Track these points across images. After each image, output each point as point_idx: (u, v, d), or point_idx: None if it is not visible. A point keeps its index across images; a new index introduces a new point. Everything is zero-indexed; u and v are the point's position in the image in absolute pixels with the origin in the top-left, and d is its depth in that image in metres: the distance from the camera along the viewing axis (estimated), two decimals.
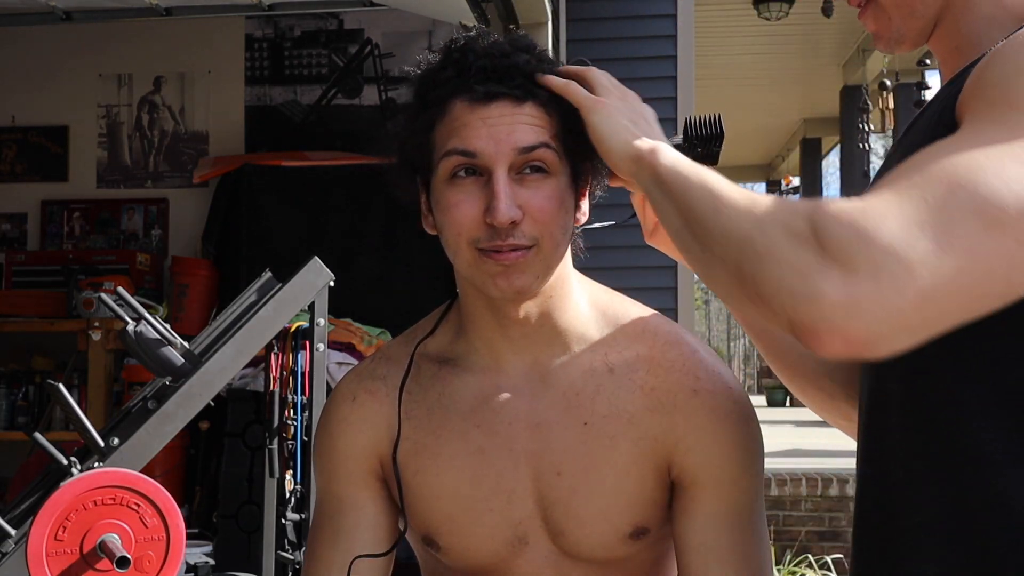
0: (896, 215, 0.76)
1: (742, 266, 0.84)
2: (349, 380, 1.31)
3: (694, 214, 0.92)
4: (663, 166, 0.99)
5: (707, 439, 1.20)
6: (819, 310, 0.77)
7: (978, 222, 0.74)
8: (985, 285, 0.76)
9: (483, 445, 1.22)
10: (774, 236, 0.81)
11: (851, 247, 0.76)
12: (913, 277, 0.75)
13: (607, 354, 1.23)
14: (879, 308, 0.75)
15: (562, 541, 1.22)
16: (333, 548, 1.26)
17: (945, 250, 0.74)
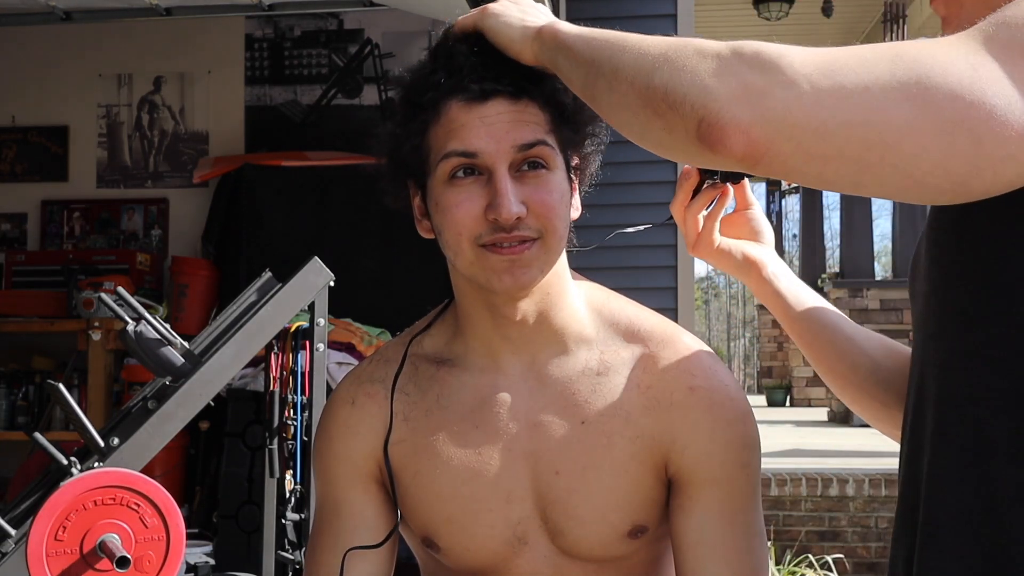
0: (824, 52, 0.79)
1: (653, 79, 0.85)
2: (348, 383, 1.31)
3: (602, 60, 0.94)
4: (563, 31, 1.02)
5: (703, 437, 1.20)
6: (726, 103, 0.79)
7: (902, 91, 0.76)
8: (883, 141, 0.76)
9: (481, 445, 1.22)
10: (689, 51, 0.84)
11: (770, 57, 0.79)
12: (820, 99, 0.76)
13: (603, 353, 1.23)
14: (784, 117, 0.77)
15: (561, 540, 1.22)
16: (333, 552, 1.26)
17: (859, 91, 0.76)
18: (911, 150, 0.76)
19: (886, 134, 0.76)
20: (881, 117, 0.76)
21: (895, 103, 0.76)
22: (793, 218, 16.10)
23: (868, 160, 0.77)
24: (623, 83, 0.89)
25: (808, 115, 0.77)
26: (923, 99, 0.75)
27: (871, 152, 0.77)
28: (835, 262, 13.20)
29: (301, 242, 3.96)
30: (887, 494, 5.26)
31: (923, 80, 0.76)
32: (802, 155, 0.78)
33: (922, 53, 0.77)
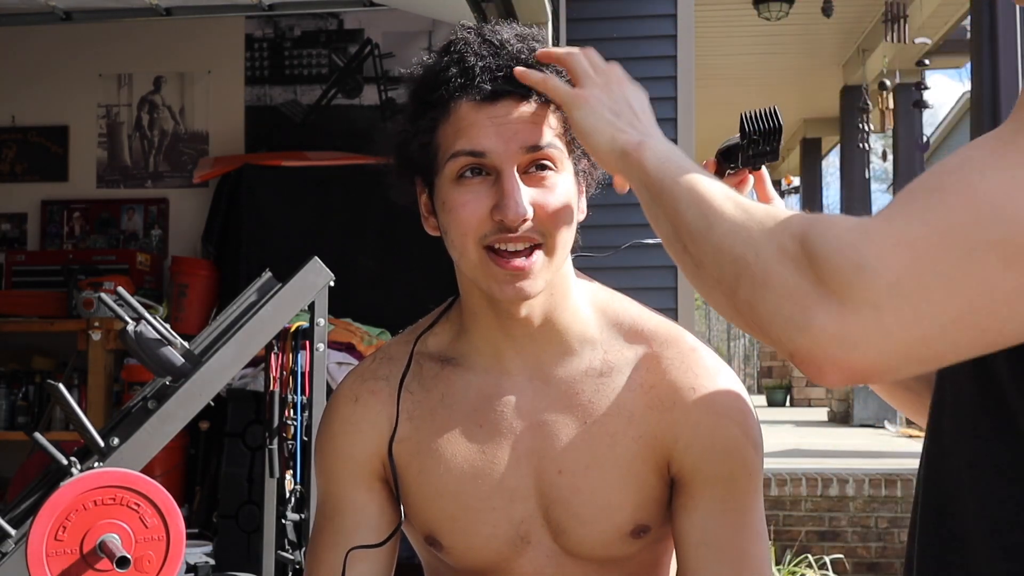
0: (902, 243, 0.72)
1: (737, 291, 0.81)
2: (351, 381, 1.31)
3: (685, 225, 0.88)
4: (650, 166, 0.95)
5: (706, 437, 1.20)
6: (816, 342, 0.74)
7: (996, 256, 0.69)
8: (999, 320, 0.71)
9: (485, 444, 1.23)
10: (768, 260, 0.78)
11: (849, 277, 0.72)
12: (918, 314, 0.71)
13: (607, 353, 1.23)
14: (880, 341, 0.72)
15: (564, 540, 1.23)
16: (334, 550, 1.26)
17: (956, 286, 0.70)
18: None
19: (998, 312, 0.70)
20: (988, 298, 0.70)
21: (997, 274, 0.69)
22: None
23: (988, 340, 0.72)
24: (710, 276, 0.85)
25: (909, 331, 0.71)
26: (1019, 259, 0.69)
27: (989, 333, 0.72)
28: None
29: (301, 242, 3.95)
30: (887, 494, 5.26)
31: (1014, 235, 0.69)
32: (916, 362, 0.74)
33: (998, 198, 0.69)
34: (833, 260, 0.74)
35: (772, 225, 0.80)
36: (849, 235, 0.74)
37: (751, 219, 0.82)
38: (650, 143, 0.99)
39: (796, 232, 0.77)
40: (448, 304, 1.31)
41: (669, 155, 0.96)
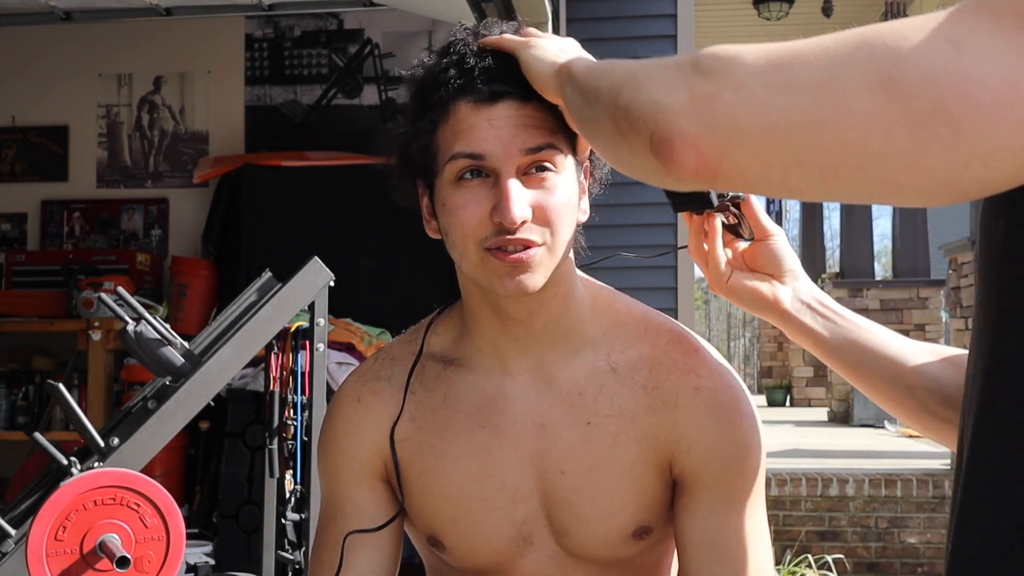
0: (787, 47, 0.72)
1: (618, 99, 0.82)
2: (353, 381, 1.31)
3: (589, 88, 0.91)
4: (579, 71, 0.98)
5: (708, 437, 1.20)
6: (673, 115, 0.74)
7: (862, 76, 0.67)
8: (843, 144, 0.68)
9: (488, 445, 1.23)
10: (654, 67, 0.80)
11: (723, 63, 0.73)
12: (769, 106, 0.69)
13: (610, 353, 1.23)
14: (730, 122, 0.71)
15: (566, 541, 1.23)
16: (337, 550, 1.26)
17: (814, 92, 0.68)
18: (878, 148, 0.67)
19: (846, 132, 0.67)
20: (840, 113, 0.67)
21: (856, 96, 0.67)
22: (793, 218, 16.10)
23: (830, 164, 0.69)
24: (599, 107, 0.87)
25: (757, 119, 0.70)
26: (890, 88, 0.66)
27: (832, 155, 0.69)
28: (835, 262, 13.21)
29: (301, 242, 3.96)
30: (887, 494, 5.26)
31: (890, 66, 0.66)
32: (758, 164, 0.72)
33: (894, 34, 0.68)
34: (713, 52, 0.75)
35: (662, 59, 0.82)
36: (741, 45, 0.75)
37: (644, 60, 0.84)
38: (581, 58, 1.02)
39: (692, 53, 0.79)
40: (450, 305, 1.31)
41: (601, 62, 0.98)
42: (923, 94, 0.65)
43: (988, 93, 0.64)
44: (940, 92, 0.65)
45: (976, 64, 0.65)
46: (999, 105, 0.64)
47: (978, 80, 0.64)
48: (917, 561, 5.33)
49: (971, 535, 0.75)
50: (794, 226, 15.19)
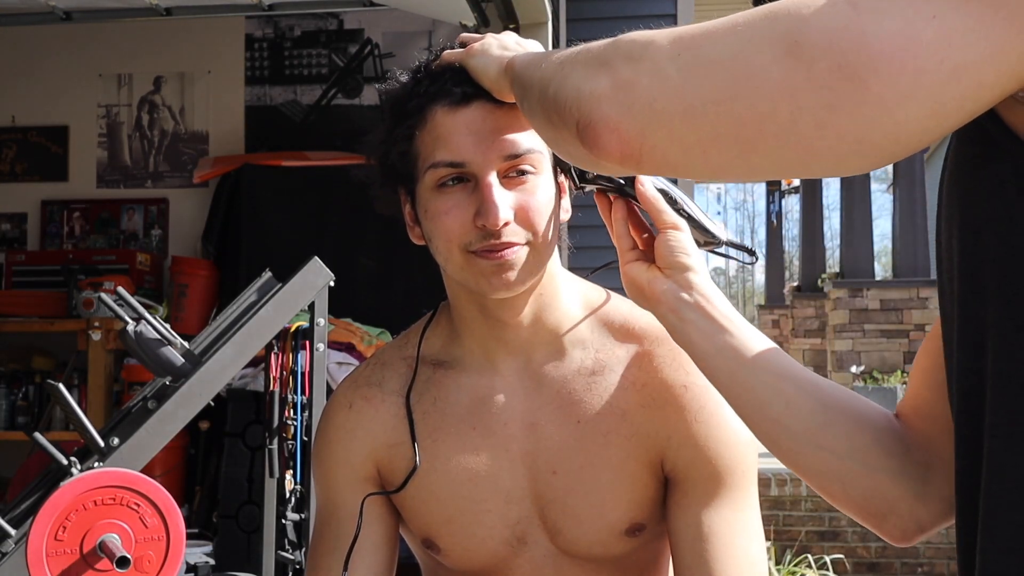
0: (699, 27, 0.73)
1: (548, 91, 0.84)
2: (345, 387, 1.31)
3: (525, 80, 0.94)
4: (520, 67, 1.00)
5: (699, 434, 1.20)
6: (596, 102, 0.76)
7: (771, 46, 0.68)
8: (756, 116, 0.68)
9: (480, 446, 1.23)
10: (577, 56, 0.82)
11: (640, 47, 0.75)
12: (685, 87, 0.71)
13: (598, 352, 1.24)
14: (648, 106, 0.73)
15: (560, 540, 1.23)
16: (333, 555, 1.26)
17: (725, 67, 0.70)
18: (788, 114, 0.67)
19: (758, 103, 0.68)
20: (750, 85, 0.68)
21: (764, 67, 0.68)
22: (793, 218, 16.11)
23: (746, 137, 0.70)
24: (535, 100, 0.89)
25: (673, 99, 0.71)
26: (795, 54, 0.67)
27: (747, 127, 0.69)
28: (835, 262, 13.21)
29: (301, 242, 3.96)
30: None
31: (794, 32, 0.67)
32: (678, 145, 0.73)
33: (798, 2, 0.68)
34: (630, 38, 0.77)
35: (592, 46, 0.84)
36: (656, 29, 0.77)
37: (578, 50, 0.85)
38: (525, 54, 1.03)
39: (612, 39, 0.81)
40: (438, 308, 1.32)
41: (534, 56, 0.99)
42: (825, 55, 0.66)
43: (886, 44, 0.65)
44: (841, 50, 0.65)
45: (873, 18, 0.65)
46: (898, 55, 0.64)
47: (875, 34, 0.65)
48: (917, 561, 5.33)
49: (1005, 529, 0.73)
50: (794, 226, 15.19)
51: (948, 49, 0.64)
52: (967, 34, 0.64)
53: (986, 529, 0.74)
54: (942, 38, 0.64)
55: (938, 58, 0.64)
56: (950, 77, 0.64)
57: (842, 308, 8.73)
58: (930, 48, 0.64)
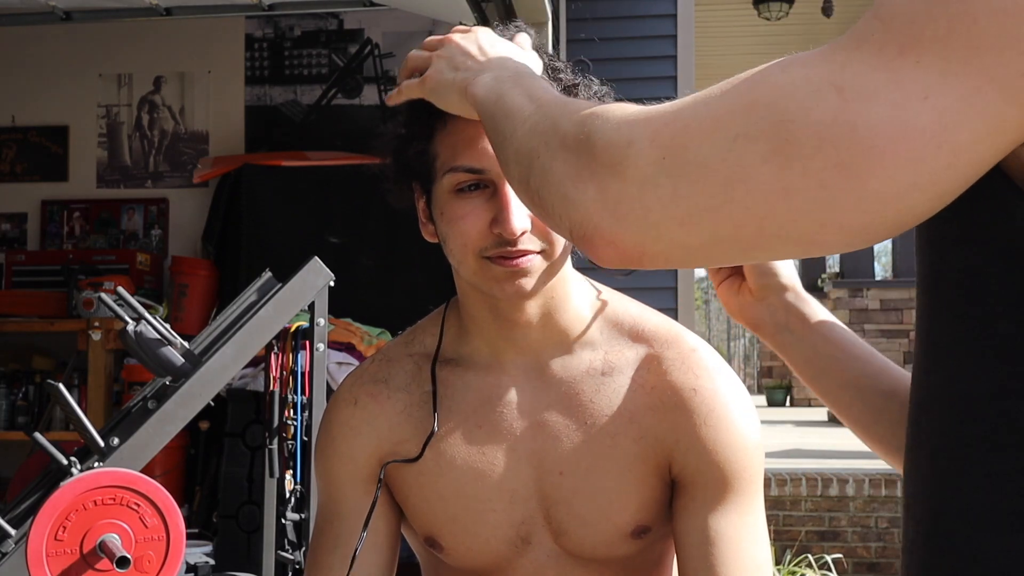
0: (676, 123, 0.70)
1: (529, 181, 0.83)
2: (350, 383, 1.31)
3: (500, 137, 0.91)
4: (480, 97, 0.98)
5: (707, 438, 1.20)
6: (588, 215, 0.74)
7: (756, 147, 0.66)
8: (755, 217, 0.67)
9: (485, 445, 1.23)
10: (554, 148, 0.79)
11: (621, 152, 0.72)
12: (677, 194, 0.69)
13: (608, 353, 1.23)
14: (643, 217, 0.71)
15: (564, 540, 1.23)
16: (334, 553, 1.26)
17: (714, 171, 0.68)
18: (787, 215, 0.66)
19: (753, 206, 0.67)
20: (743, 188, 0.67)
21: (755, 168, 0.66)
22: None
23: (747, 237, 0.69)
24: (510, 168, 0.88)
25: (667, 209, 0.70)
26: (786, 154, 0.65)
27: (746, 228, 0.68)
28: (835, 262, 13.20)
29: (301, 242, 3.96)
30: (887, 494, 5.26)
31: (782, 131, 0.65)
32: (680, 250, 0.72)
33: (782, 91, 0.67)
34: (607, 137, 0.74)
35: (561, 115, 0.81)
36: (630, 115, 0.74)
37: (545, 114, 0.83)
38: (480, 78, 1.01)
39: (579, 118, 0.78)
40: (446, 305, 1.31)
41: (494, 83, 0.97)
42: (818, 152, 0.64)
43: (880, 135, 0.63)
44: (834, 146, 0.64)
45: (863, 106, 0.64)
46: (894, 148, 0.63)
47: (867, 124, 0.63)
48: None
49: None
50: None
51: (944, 132, 0.62)
52: (961, 112, 0.62)
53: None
54: (936, 121, 0.62)
55: (935, 144, 0.63)
56: (949, 161, 0.63)
57: (842, 308, 8.74)
58: (925, 134, 0.63)
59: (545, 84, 0.94)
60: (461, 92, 1.03)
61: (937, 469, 0.74)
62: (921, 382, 0.76)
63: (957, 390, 0.72)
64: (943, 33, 0.63)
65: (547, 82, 0.96)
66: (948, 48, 0.63)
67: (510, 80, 0.95)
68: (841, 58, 0.66)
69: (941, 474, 0.73)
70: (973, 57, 0.62)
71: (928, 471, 0.75)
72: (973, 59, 0.62)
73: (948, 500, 0.73)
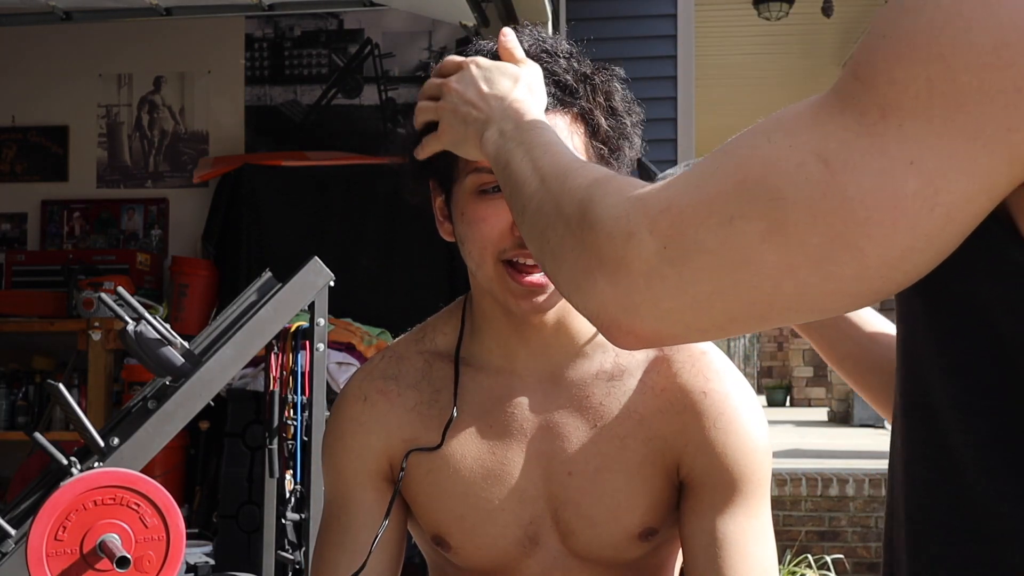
0: (671, 210, 0.71)
1: (545, 264, 0.85)
2: (360, 379, 1.30)
3: (512, 209, 0.94)
4: (489, 158, 1.01)
5: (716, 441, 1.20)
6: (603, 308, 0.75)
7: (753, 228, 0.67)
8: (764, 294, 0.69)
9: (495, 445, 1.23)
10: (561, 234, 0.81)
11: (621, 246, 0.73)
12: (682, 282, 0.70)
13: (618, 356, 1.24)
14: (654, 308, 0.72)
15: (572, 541, 1.23)
16: (340, 549, 1.26)
17: (715, 256, 0.69)
18: (794, 289, 0.67)
19: (760, 285, 0.68)
20: (748, 271, 0.68)
21: (754, 250, 0.67)
22: None
23: (759, 313, 0.70)
24: (530, 249, 0.89)
25: (677, 297, 0.71)
26: (782, 232, 0.66)
27: (757, 306, 0.70)
28: None
29: (301, 242, 3.96)
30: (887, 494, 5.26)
31: (773, 206, 0.66)
32: (696, 331, 0.74)
33: (766, 166, 0.67)
34: (607, 229, 0.75)
35: (561, 194, 0.83)
36: (626, 204, 0.75)
37: (548, 192, 0.85)
38: (486, 134, 1.03)
39: (581, 200, 0.79)
40: (464, 303, 1.31)
41: (500, 142, 0.99)
42: (813, 229, 0.65)
43: (871, 207, 0.63)
44: (828, 222, 0.64)
45: (850, 178, 0.64)
46: (886, 216, 0.63)
47: (857, 197, 0.63)
48: None
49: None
50: None
51: (936, 195, 0.62)
52: (949, 173, 0.62)
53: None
54: (925, 185, 0.62)
55: (928, 207, 0.63)
56: (945, 221, 0.63)
57: None
58: (916, 199, 0.62)
59: (545, 137, 0.94)
60: (476, 147, 1.05)
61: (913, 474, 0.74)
62: (902, 390, 0.77)
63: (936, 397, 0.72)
64: (924, 93, 0.62)
65: (546, 124, 0.98)
66: (930, 108, 0.62)
67: (514, 139, 0.97)
68: (826, 126, 0.66)
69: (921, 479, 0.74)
70: (956, 116, 0.61)
71: (904, 477, 0.75)
72: (956, 118, 0.61)
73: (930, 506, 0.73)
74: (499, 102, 1.05)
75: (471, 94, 1.08)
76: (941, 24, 0.62)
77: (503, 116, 1.02)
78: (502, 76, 1.09)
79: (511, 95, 1.06)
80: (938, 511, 0.71)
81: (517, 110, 1.03)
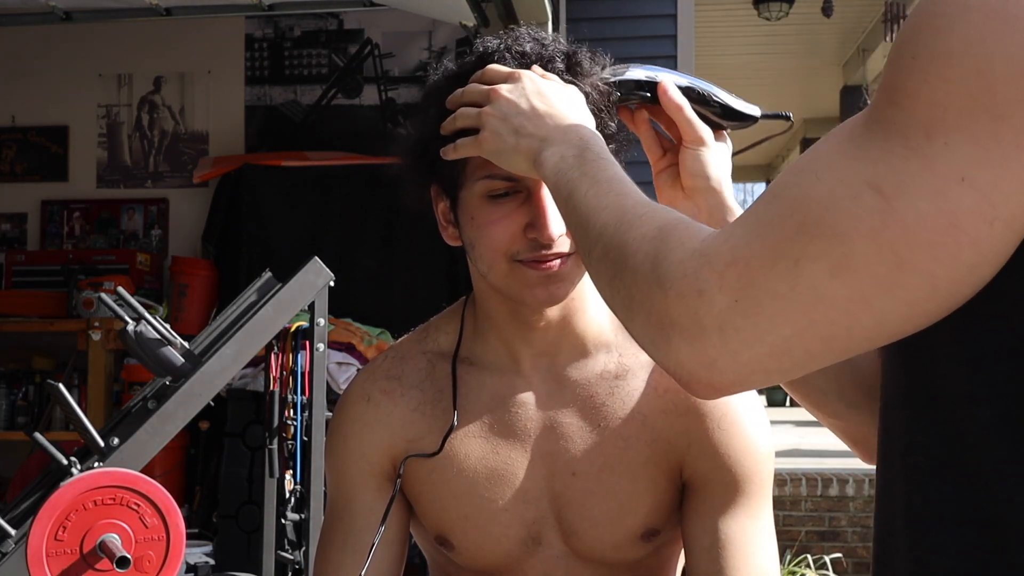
0: (737, 262, 0.72)
1: (616, 312, 0.85)
2: (363, 379, 1.30)
3: (577, 242, 0.94)
4: (547, 180, 1.00)
5: (720, 442, 1.20)
6: (680, 363, 0.76)
7: (820, 267, 0.68)
8: (841, 329, 0.70)
9: (498, 445, 1.23)
10: (630, 286, 0.81)
11: (692, 304, 0.74)
12: (758, 331, 0.71)
13: (622, 356, 1.24)
14: (731, 360, 0.73)
15: (575, 542, 1.23)
16: (343, 550, 1.26)
17: (788, 300, 0.70)
18: (871, 319, 0.69)
19: (838, 320, 0.69)
20: (821, 309, 0.69)
21: (825, 285, 0.68)
22: None
23: (839, 348, 0.71)
24: (600, 289, 0.89)
25: (754, 346, 0.72)
26: (848, 267, 0.67)
27: (836, 341, 0.71)
28: None
29: (301, 242, 3.96)
30: None
31: (837, 243, 0.67)
32: (777, 374, 0.75)
33: (821, 206, 0.68)
34: (677, 288, 0.75)
35: (627, 245, 0.82)
36: (691, 261, 0.75)
37: (614, 240, 0.85)
38: (545, 154, 1.01)
39: (647, 254, 0.79)
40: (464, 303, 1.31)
41: (561, 166, 0.98)
42: (880, 259, 0.66)
43: (932, 230, 0.65)
44: (893, 250, 0.66)
45: (906, 203, 0.65)
46: (949, 237, 0.64)
47: (917, 223, 0.65)
48: None
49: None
50: None
51: (993, 209, 0.64)
52: (1002, 186, 0.63)
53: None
54: (980, 199, 0.64)
55: (987, 221, 0.64)
56: (1005, 231, 0.64)
57: None
58: (973, 215, 0.64)
59: (610, 172, 0.94)
60: (529, 161, 1.04)
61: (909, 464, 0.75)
62: (891, 379, 0.78)
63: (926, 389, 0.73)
64: (966, 110, 0.63)
65: (610, 157, 0.97)
66: (974, 124, 0.63)
67: (577, 168, 0.96)
68: (870, 152, 0.67)
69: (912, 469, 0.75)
70: (1000, 128, 0.63)
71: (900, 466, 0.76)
72: (1000, 130, 0.63)
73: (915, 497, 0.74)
74: (555, 121, 1.04)
75: (523, 104, 1.07)
76: (974, 41, 0.63)
77: (563, 139, 1.01)
78: (557, 94, 1.08)
79: (568, 117, 1.05)
80: (940, 497, 0.72)
81: (581, 136, 1.01)
